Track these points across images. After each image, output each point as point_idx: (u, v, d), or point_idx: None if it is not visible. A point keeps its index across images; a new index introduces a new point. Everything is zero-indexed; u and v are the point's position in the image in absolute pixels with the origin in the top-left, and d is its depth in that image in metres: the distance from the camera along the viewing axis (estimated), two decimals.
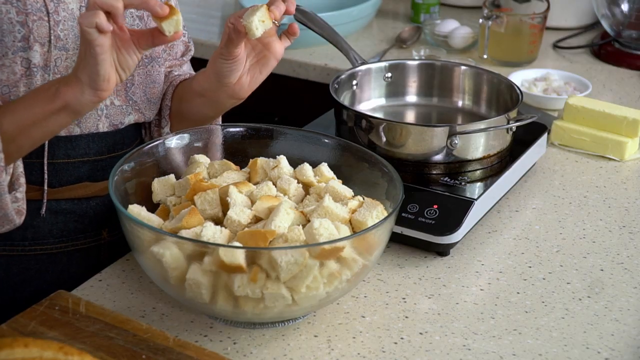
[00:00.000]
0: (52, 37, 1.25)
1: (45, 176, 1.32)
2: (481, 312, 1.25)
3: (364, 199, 1.26)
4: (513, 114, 1.51)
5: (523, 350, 1.18)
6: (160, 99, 1.45)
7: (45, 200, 1.33)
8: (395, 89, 1.68)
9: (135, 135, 1.44)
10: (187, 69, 1.55)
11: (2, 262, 1.35)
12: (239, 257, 1.08)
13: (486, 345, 1.19)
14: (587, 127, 1.69)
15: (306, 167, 1.29)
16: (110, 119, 1.36)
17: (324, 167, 1.31)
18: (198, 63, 2.22)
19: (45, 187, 1.33)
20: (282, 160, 1.30)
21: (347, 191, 1.27)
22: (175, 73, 1.51)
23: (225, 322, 1.20)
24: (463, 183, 1.43)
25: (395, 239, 1.37)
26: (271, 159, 1.32)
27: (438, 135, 1.44)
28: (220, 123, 1.52)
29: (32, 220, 1.34)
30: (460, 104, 1.68)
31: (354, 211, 1.22)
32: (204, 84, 1.37)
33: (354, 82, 1.64)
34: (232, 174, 1.30)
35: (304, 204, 1.25)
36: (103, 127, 1.35)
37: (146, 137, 1.48)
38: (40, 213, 1.34)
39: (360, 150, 1.32)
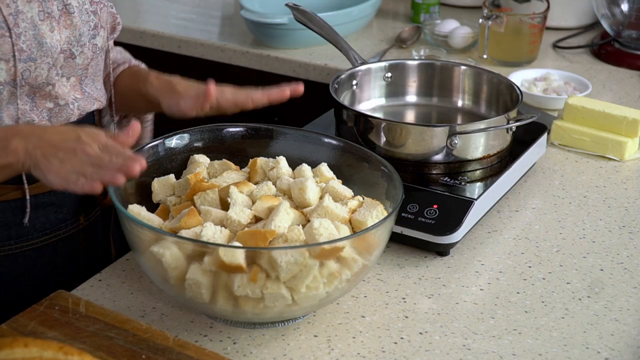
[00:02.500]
0: (16, 52, 1.23)
1: (24, 175, 1.31)
2: (481, 312, 1.25)
3: (363, 199, 1.26)
4: (513, 113, 1.50)
5: (523, 350, 1.18)
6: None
7: (28, 198, 1.33)
8: (395, 89, 1.68)
9: (92, 119, 1.44)
10: (116, 53, 1.53)
11: None
12: (239, 257, 1.08)
13: (486, 345, 1.19)
14: (587, 127, 1.69)
15: (305, 167, 1.29)
16: (80, 111, 1.36)
17: (324, 167, 1.31)
18: (197, 63, 2.22)
19: (26, 185, 1.32)
20: (282, 161, 1.30)
21: (347, 191, 1.27)
22: (111, 57, 1.49)
23: (225, 322, 1.20)
24: (463, 183, 1.43)
25: (395, 239, 1.37)
26: (270, 159, 1.32)
27: (438, 135, 1.44)
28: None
29: (15, 218, 1.34)
30: (460, 104, 1.68)
31: (353, 211, 1.22)
32: (156, 95, 1.40)
33: (354, 82, 1.64)
34: (232, 174, 1.30)
35: None
36: (73, 118, 1.35)
37: (98, 118, 1.49)
38: (24, 213, 1.34)
39: (360, 150, 1.32)
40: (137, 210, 1.20)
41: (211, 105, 1.34)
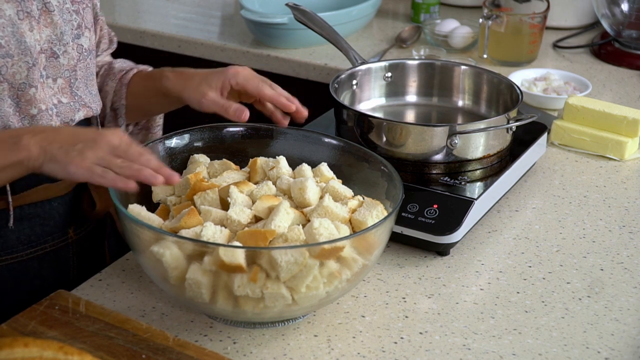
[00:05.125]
0: None
1: (7, 185, 1.28)
2: (481, 312, 1.25)
3: (364, 198, 1.26)
4: (513, 113, 1.51)
5: (523, 350, 1.18)
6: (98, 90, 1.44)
7: (11, 208, 1.29)
8: (395, 88, 1.68)
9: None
10: (121, 63, 1.53)
11: None
12: (239, 256, 1.08)
13: (486, 345, 1.19)
14: (587, 126, 1.69)
15: (305, 167, 1.29)
16: (62, 117, 1.32)
17: (324, 167, 1.31)
18: (197, 63, 2.22)
19: (9, 196, 1.28)
20: (282, 160, 1.30)
21: (347, 191, 1.27)
22: (117, 67, 1.49)
23: (225, 322, 1.20)
24: (463, 183, 1.43)
25: (395, 239, 1.37)
26: (270, 159, 1.32)
27: (438, 135, 1.44)
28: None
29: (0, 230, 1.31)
30: (460, 103, 1.68)
31: (353, 211, 1.22)
32: (175, 89, 1.40)
33: (354, 81, 1.64)
34: (232, 174, 1.30)
35: None
36: (55, 126, 1.31)
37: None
38: (7, 223, 1.30)
39: (360, 150, 1.32)
40: (137, 210, 1.19)
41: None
